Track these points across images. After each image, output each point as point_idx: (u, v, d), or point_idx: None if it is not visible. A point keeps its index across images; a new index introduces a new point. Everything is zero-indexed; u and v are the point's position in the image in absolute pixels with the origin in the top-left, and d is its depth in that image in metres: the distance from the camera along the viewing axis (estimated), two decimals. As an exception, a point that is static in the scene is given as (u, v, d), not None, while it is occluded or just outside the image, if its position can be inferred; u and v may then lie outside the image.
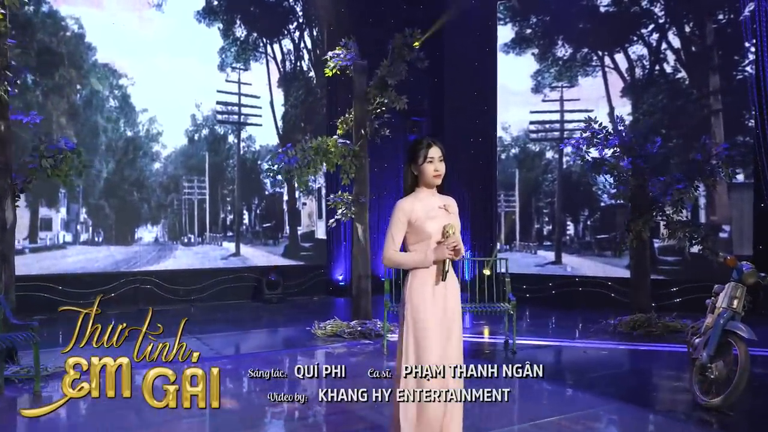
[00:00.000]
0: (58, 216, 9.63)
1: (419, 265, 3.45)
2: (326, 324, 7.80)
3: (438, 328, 3.43)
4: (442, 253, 3.40)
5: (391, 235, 3.47)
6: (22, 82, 9.38)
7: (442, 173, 3.55)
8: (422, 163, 3.48)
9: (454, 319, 3.47)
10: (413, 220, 3.47)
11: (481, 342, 7.61)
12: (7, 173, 5.77)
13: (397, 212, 3.49)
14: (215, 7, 10.90)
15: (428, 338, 3.36)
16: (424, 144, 3.53)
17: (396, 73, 7.76)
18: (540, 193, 11.07)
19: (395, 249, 3.46)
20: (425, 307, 3.41)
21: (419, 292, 3.45)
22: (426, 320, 3.38)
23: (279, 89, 11.46)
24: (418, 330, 3.42)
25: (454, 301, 3.56)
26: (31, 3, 9.46)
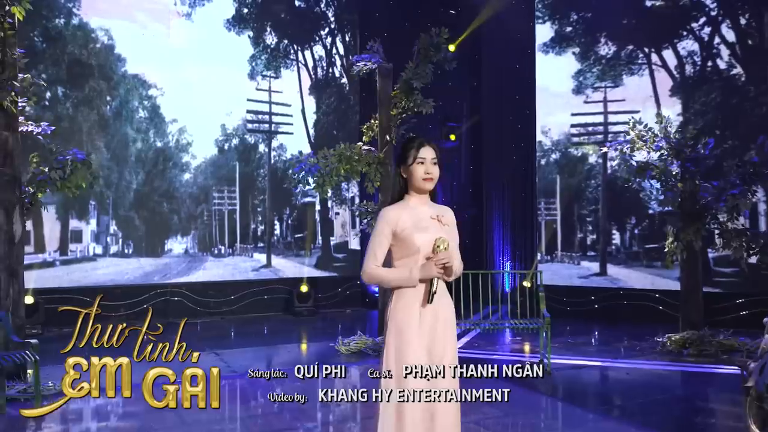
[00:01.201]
0: (88, 228, 9.60)
1: (403, 283, 3.02)
2: (351, 340, 7.44)
3: (425, 359, 3.02)
4: (429, 270, 2.97)
5: (372, 248, 3.05)
6: (53, 95, 9.45)
7: (435, 178, 3.12)
8: (411, 163, 3.07)
9: (446, 349, 3.04)
10: (399, 231, 3.05)
11: (514, 361, 7.10)
12: (16, 185, 5.64)
13: (380, 222, 3.08)
14: (245, 14, 10.75)
15: (410, 378, 2.95)
16: (416, 143, 3.12)
17: (422, 76, 7.37)
18: (583, 200, 10.44)
19: (377, 264, 3.06)
20: (410, 334, 3.00)
21: (403, 315, 3.02)
22: (409, 350, 2.97)
23: (310, 96, 11.22)
24: (399, 361, 3.01)
25: (446, 327, 3.12)
26: (62, 16, 9.50)
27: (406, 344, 2.99)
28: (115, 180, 9.80)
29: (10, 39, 5.60)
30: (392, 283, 3.02)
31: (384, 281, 3.04)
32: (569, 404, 5.57)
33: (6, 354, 4.86)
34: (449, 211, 3.24)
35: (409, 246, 3.02)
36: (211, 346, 8.04)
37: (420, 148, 3.09)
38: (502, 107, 11.15)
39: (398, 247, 3.06)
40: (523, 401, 5.56)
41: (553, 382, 6.11)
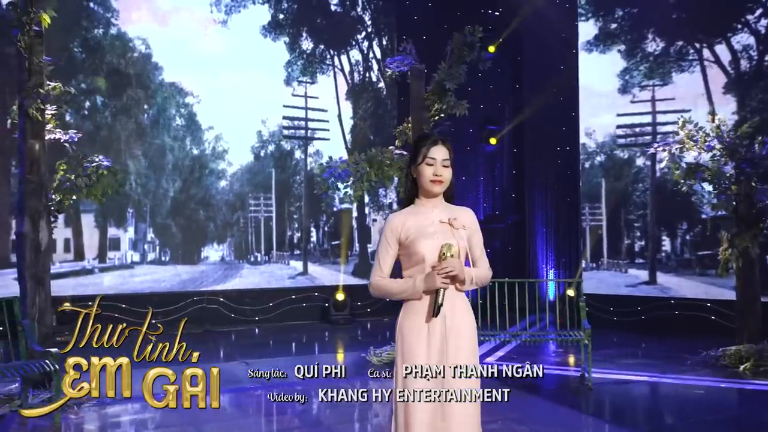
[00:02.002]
0: (126, 236, 9.67)
1: (409, 296, 2.77)
2: (383, 351, 7.19)
3: (433, 382, 2.75)
4: (432, 281, 2.71)
5: (378, 258, 2.82)
6: (92, 104, 9.56)
7: (445, 181, 2.85)
8: (420, 162, 2.81)
9: (460, 363, 2.77)
10: (404, 238, 2.81)
11: (553, 375, 6.71)
12: (42, 193, 5.63)
13: (385, 230, 2.84)
14: (281, 20, 10.70)
15: (418, 392, 2.69)
16: (428, 140, 2.86)
17: (455, 76, 7.09)
18: (630, 205, 9.93)
19: (382, 275, 2.82)
20: (417, 351, 2.73)
21: (410, 329, 2.77)
22: (416, 370, 2.72)
23: (347, 102, 11.07)
24: (408, 382, 2.75)
25: (460, 340, 2.83)
26: (101, 26, 9.62)
27: (413, 361, 2.74)
28: (152, 188, 9.84)
29: (36, 47, 5.59)
30: (397, 296, 2.79)
31: (389, 293, 2.80)
32: (610, 423, 5.20)
33: (26, 363, 4.81)
34: (467, 212, 2.95)
35: (414, 255, 2.78)
36: (243, 354, 7.93)
37: (431, 146, 2.83)
38: (545, 109, 10.74)
39: (405, 256, 2.82)
40: (560, 419, 5.22)
41: (594, 399, 5.73)
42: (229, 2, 10.27)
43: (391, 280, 2.80)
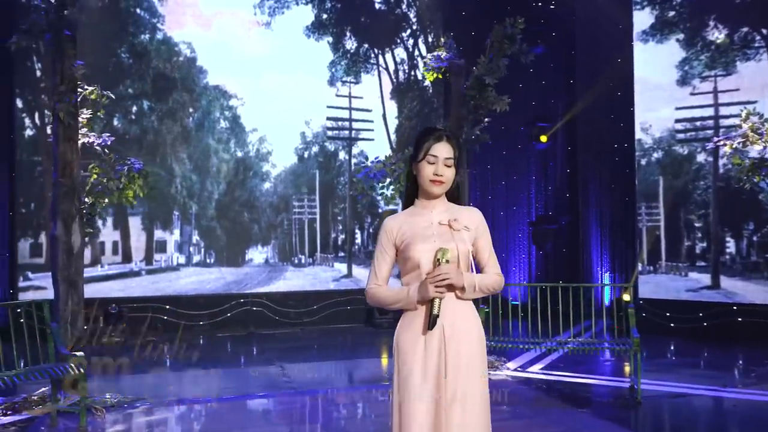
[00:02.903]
0: (172, 238, 9.76)
1: (403, 306, 2.53)
2: (421, 356, 6.93)
3: (429, 400, 2.49)
4: (426, 290, 2.45)
5: (374, 265, 2.60)
6: (139, 108, 9.70)
7: (447, 182, 2.57)
8: (420, 159, 2.56)
9: (459, 378, 2.49)
10: (399, 243, 2.56)
11: (600, 386, 6.29)
12: (74, 196, 5.66)
13: (381, 233, 2.61)
14: (324, 20, 10.60)
15: (412, 413, 2.44)
16: (432, 135, 2.59)
17: (494, 71, 6.78)
18: (690, 204, 9.30)
19: (377, 282, 2.58)
20: (413, 367, 2.49)
21: (406, 343, 2.52)
22: (410, 380, 2.47)
23: (392, 101, 10.87)
24: (402, 397, 2.51)
25: (460, 351, 2.56)
26: (147, 32, 9.76)
27: (408, 379, 2.50)
28: (197, 191, 9.91)
29: (68, 51, 5.63)
30: (392, 306, 2.56)
31: (384, 303, 2.58)
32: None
33: (50, 366, 4.81)
34: (472, 212, 2.68)
35: (409, 260, 2.53)
36: (281, 357, 7.83)
37: (435, 142, 2.56)
38: (599, 104, 10.23)
39: (401, 261, 2.59)
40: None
41: (642, 413, 5.30)
42: (273, 4, 10.25)
43: (386, 288, 2.57)
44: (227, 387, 6.27)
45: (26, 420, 5.18)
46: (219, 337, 9.26)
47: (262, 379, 6.84)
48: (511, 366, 6.98)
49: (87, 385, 5.69)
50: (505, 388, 6.14)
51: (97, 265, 9.33)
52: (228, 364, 7.54)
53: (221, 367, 7.35)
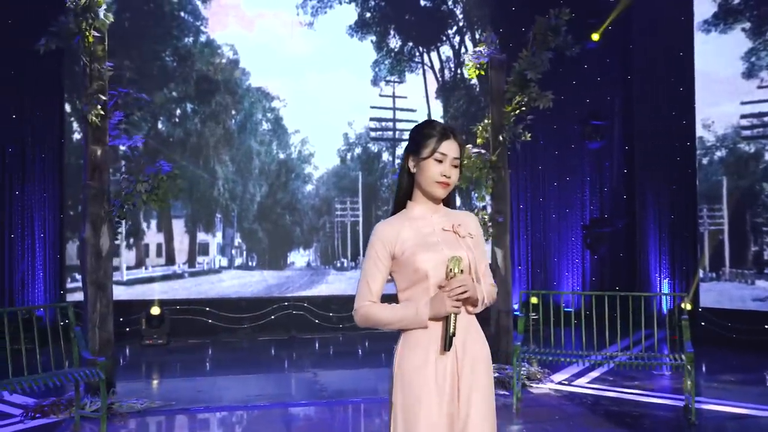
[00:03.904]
0: (215, 241, 9.75)
1: (409, 324, 2.23)
2: (459, 366, 6.60)
3: (444, 428, 2.22)
4: (441, 305, 2.17)
5: (365, 278, 2.29)
6: (183, 111, 9.74)
7: (453, 183, 2.31)
8: (427, 156, 2.29)
9: (471, 408, 2.21)
10: (399, 252, 2.27)
11: (652, 404, 5.80)
12: (103, 199, 5.62)
13: (373, 242, 2.30)
14: (368, 19, 10.39)
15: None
16: (438, 129, 2.31)
17: (537, 65, 6.38)
18: (757, 206, 8.59)
19: (371, 299, 2.29)
20: (423, 392, 2.20)
21: (413, 367, 2.22)
22: (421, 415, 2.18)
23: (437, 100, 10.56)
24: (410, 427, 2.23)
25: (475, 376, 2.29)
26: (191, 35, 9.78)
27: (417, 407, 2.21)
28: (239, 193, 9.87)
29: (98, 53, 5.59)
30: (395, 325, 2.24)
31: (383, 322, 2.24)
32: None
33: (70, 371, 4.75)
34: (471, 217, 2.41)
35: (413, 272, 2.23)
36: (315, 363, 7.66)
37: (443, 139, 2.29)
38: (657, 100, 9.65)
39: (401, 274, 2.29)
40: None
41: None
42: (315, 4, 10.12)
43: (385, 306, 2.26)
44: (257, 394, 6.12)
45: (53, 423, 5.17)
46: (260, 341, 9.17)
47: (294, 386, 6.67)
48: (556, 378, 6.58)
49: (114, 391, 5.67)
50: (547, 403, 5.77)
51: (141, 267, 9.40)
52: (263, 369, 7.40)
53: (256, 373, 7.23)
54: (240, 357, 8.30)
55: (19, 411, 5.41)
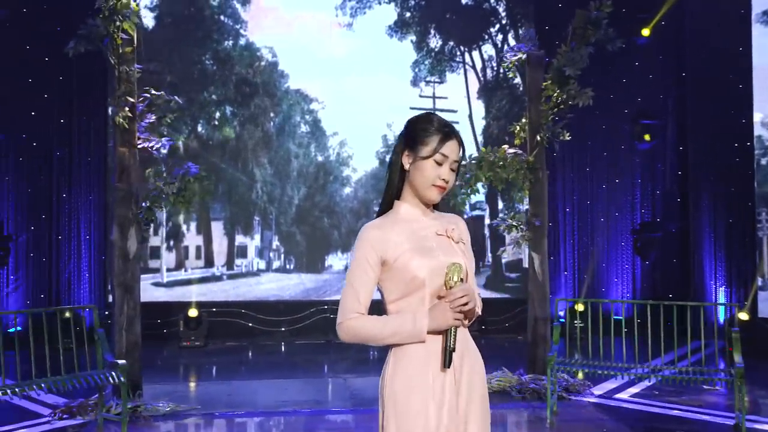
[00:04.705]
0: (253, 243, 9.74)
1: (404, 338, 2.02)
2: (493, 376, 6.34)
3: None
4: (442, 316, 1.98)
5: (352, 286, 2.08)
6: (222, 114, 9.78)
7: (449, 187, 2.12)
8: (427, 156, 2.09)
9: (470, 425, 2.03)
10: (391, 258, 2.07)
11: (700, 421, 5.40)
12: (131, 201, 5.62)
13: (361, 246, 2.10)
14: (408, 19, 10.21)
15: None
16: (440, 129, 2.11)
17: (576, 61, 6.07)
18: (822, 210, 8.02)
19: (360, 310, 2.08)
20: (418, 411, 2.00)
21: (408, 387, 2.02)
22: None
23: (479, 100, 10.28)
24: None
25: (473, 394, 2.10)
26: (230, 38, 9.82)
27: (412, 427, 2.02)
28: (277, 195, 9.84)
29: (127, 55, 5.60)
30: (388, 340, 2.03)
31: (374, 337, 2.03)
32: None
33: (89, 374, 4.74)
34: (460, 221, 2.22)
35: (409, 280, 2.03)
36: (348, 369, 7.51)
37: (446, 140, 2.09)
38: (713, 97, 9.13)
39: (392, 282, 2.08)
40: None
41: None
42: (354, 4, 10.01)
43: (375, 318, 2.05)
44: (284, 400, 6.01)
45: (78, 425, 5.18)
46: (297, 345, 9.10)
47: (324, 392, 6.54)
48: (598, 390, 6.23)
49: (140, 393, 5.66)
50: (585, 417, 5.45)
51: (181, 269, 9.47)
52: (297, 374, 7.30)
53: (289, 377, 7.14)
54: (275, 360, 8.24)
55: (49, 411, 5.45)
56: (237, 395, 6.24)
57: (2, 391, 4.40)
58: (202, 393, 6.43)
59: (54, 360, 4.91)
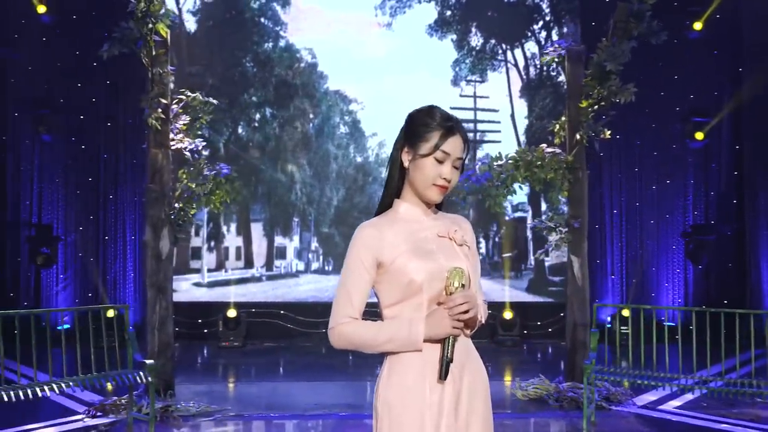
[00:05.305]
0: (292, 245, 9.75)
1: (400, 346, 1.90)
2: (530, 383, 6.14)
3: None
4: (440, 324, 1.86)
5: (345, 288, 1.98)
6: (262, 116, 9.84)
7: (452, 187, 1.99)
8: (427, 154, 1.96)
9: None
10: (387, 260, 1.95)
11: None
12: (164, 202, 5.66)
13: (356, 246, 1.99)
14: (448, 17, 10.05)
15: None
16: (442, 123, 1.99)
17: (617, 55, 5.80)
18: None
19: (352, 315, 1.97)
20: (413, 426, 1.88)
21: (403, 399, 1.90)
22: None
23: (521, 99, 10.03)
24: None
25: (474, 409, 1.97)
26: (270, 40, 9.87)
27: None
28: (316, 197, 9.82)
29: (160, 57, 5.65)
30: (382, 347, 1.91)
31: (368, 343, 1.92)
32: None
33: (116, 374, 4.77)
34: (465, 222, 2.08)
35: (405, 284, 1.91)
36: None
37: (448, 135, 1.97)
38: None
39: (388, 285, 1.96)
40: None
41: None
42: (394, 4, 9.91)
43: (370, 323, 1.94)
44: (319, 403, 5.95)
45: (109, 423, 5.24)
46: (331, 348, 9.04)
47: (361, 396, 6.42)
48: (642, 400, 5.95)
49: (171, 393, 5.68)
50: (624, 428, 5.20)
51: (221, 270, 9.56)
52: (334, 376, 7.23)
53: (326, 380, 7.07)
54: (312, 362, 8.19)
55: (84, 408, 5.53)
56: (272, 397, 6.22)
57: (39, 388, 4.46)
58: (237, 393, 6.44)
59: (98, 358, 4.98)
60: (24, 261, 9.24)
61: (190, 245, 9.53)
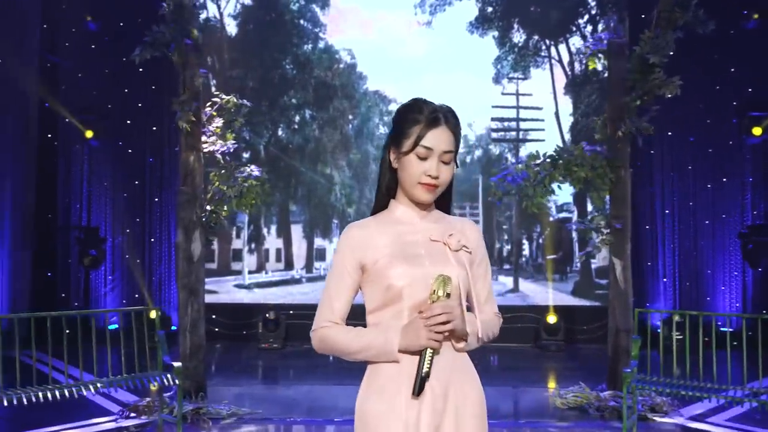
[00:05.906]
0: (331, 246, 9.71)
1: (375, 356, 1.81)
2: (569, 391, 5.89)
3: None
4: (414, 335, 1.74)
5: (328, 292, 1.89)
6: (302, 118, 9.84)
7: (442, 185, 1.85)
8: (407, 151, 1.84)
9: None
10: (370, 262, 1.84)
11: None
12: (195, 204, 5.68)
13: (340, 247, 1.89)
14: (489, 14, 9.82)
15: None
16: (424, 115, 1.85)
17: (661, 47, 5.50)
18: None
19: (333, 319, 1.87)
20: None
21: (377, 413, 1.79)
22: None
23: (566, 96, 9.72)
24: None
25: (461, 426, 1.83)
26: (309, 41, 9.87)
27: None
28: (356, 198, 9.76)
29: (191, 60, 5.68)
30: (358, 355, 1.82)
31: (344, 350, 1.84)
32: None
33: (144, 376, 4.79)
34: (470, 225, 1.93)
35: (385, 289, 1.80)
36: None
37: (430, 127, 1.83)
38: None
39: (370, 289, 1.86)
40: None
41: None
42: (434, 2, 9.76)
43: (348, 329, 1.85)
44: (347, 407, 5.86)
45: (141, 424, 5.28)
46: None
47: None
48: (689, 412, 5.62)
49: (203, 395, 5.69)
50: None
51: (261, 272, 9.60)
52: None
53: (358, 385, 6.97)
54: (350, 365, 8.10)
55: (118, 408, 5.60)
56: (307, 400, 6.16)
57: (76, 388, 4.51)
58: (272, 396, 6.41)
59: (140, 358, 5.03)
60: (74, 263, 9.50)
61: (231, 247, 9.61)
